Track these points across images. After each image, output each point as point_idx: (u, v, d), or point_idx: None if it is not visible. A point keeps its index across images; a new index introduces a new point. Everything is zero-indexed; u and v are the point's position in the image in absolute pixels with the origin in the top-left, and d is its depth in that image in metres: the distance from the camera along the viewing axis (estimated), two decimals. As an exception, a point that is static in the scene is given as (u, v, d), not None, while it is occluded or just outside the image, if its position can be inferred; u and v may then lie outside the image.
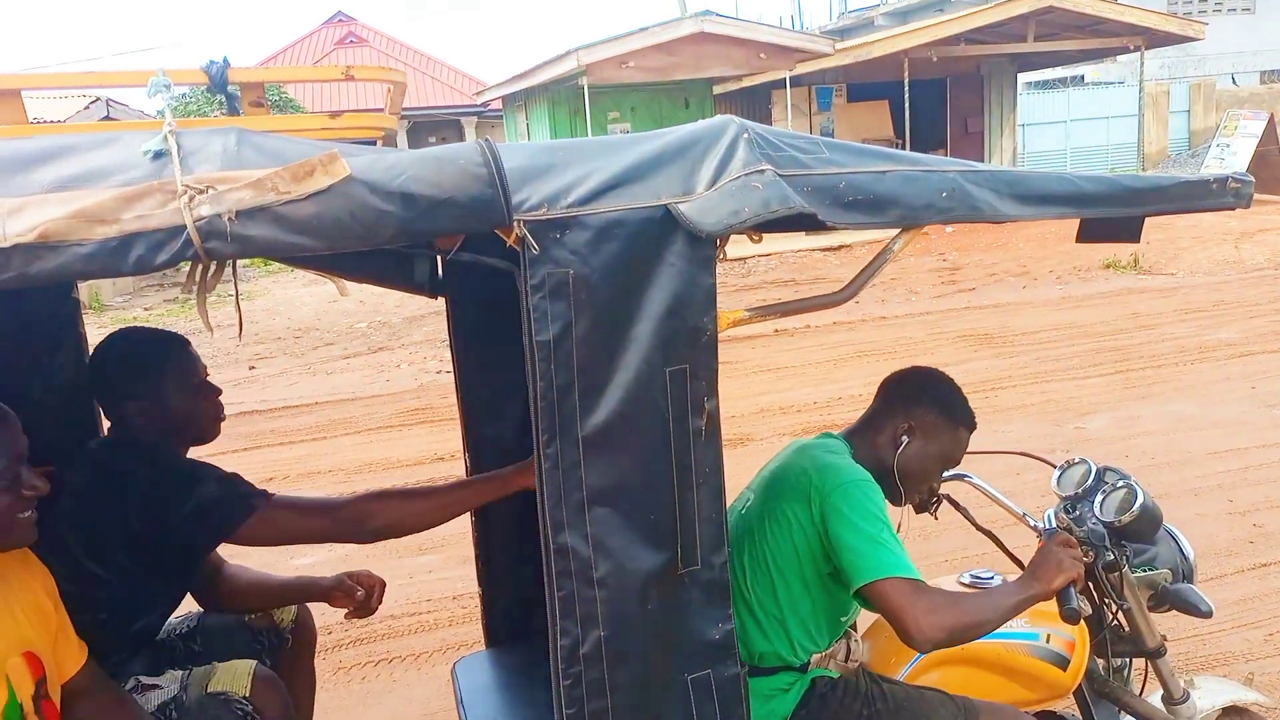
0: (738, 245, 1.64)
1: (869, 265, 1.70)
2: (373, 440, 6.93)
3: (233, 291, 1.85)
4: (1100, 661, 2.23)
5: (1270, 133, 16.34)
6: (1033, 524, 2.16)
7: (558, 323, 1.39)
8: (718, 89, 17.14)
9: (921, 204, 1.55)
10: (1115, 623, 2.13)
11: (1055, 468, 2.28)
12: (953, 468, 2.08)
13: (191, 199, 1.19)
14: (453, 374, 2.35)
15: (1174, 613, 2.16)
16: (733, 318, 1.56)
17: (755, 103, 17.53)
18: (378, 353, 10.08)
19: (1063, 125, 21.52)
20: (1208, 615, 2.09)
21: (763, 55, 15.31)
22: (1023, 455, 2.38)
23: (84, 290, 10.59)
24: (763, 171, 1.45)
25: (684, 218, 1.41)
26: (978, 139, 19.44)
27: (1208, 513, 4.74)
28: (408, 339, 10.60)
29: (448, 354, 2.37)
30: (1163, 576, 2.14)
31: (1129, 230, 1.84)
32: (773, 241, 13.29)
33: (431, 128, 26.93)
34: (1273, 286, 10.52)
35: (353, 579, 2.36)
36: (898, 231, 1.65)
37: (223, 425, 2.18)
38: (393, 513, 2.02)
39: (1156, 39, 17.01)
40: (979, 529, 2.32)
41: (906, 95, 15.64)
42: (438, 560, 4.75)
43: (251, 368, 9.65)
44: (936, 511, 2.33)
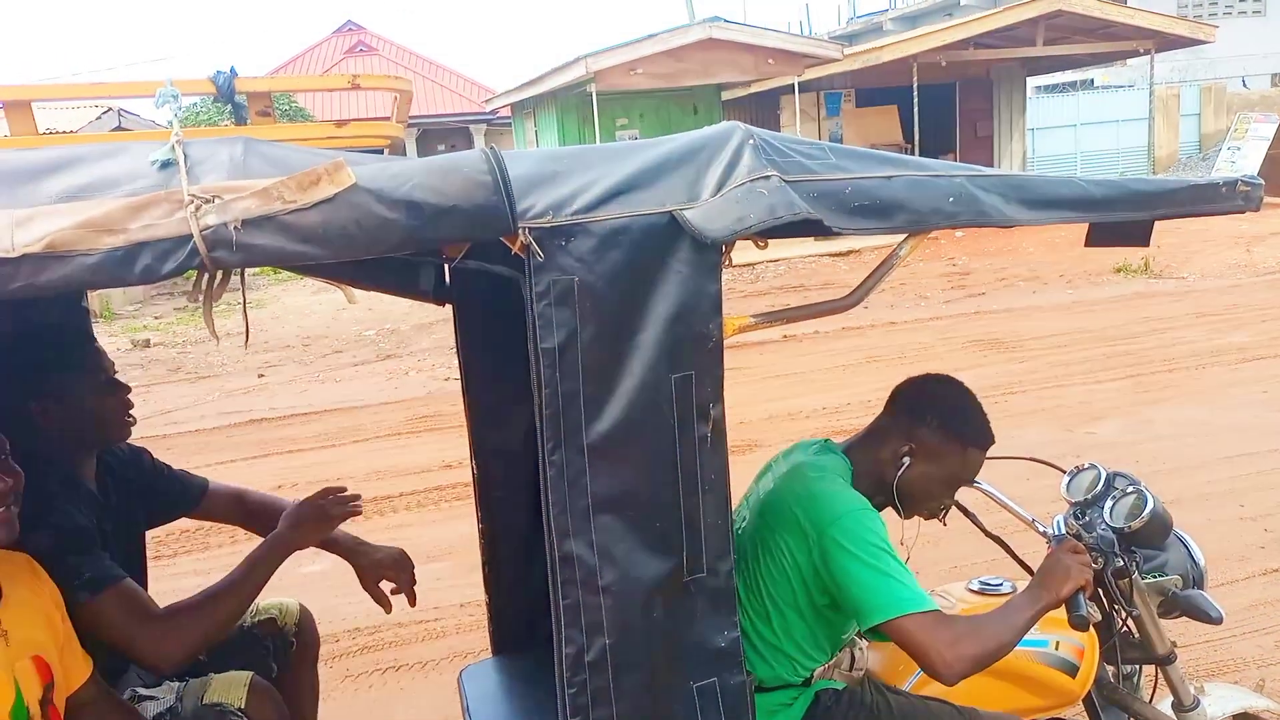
0: (745, 251, 1.64)
1: (877, 270, 1.69)
2: (381, 447, 6.94)
3: (240, 300, 1.86)
4: (1110, 668, 2.21)
5: (1281, 136, 16.26)
6: (1042, 530, 2.15)
7: (563, 330, 1.39)
8: (726, 95, 17.14)
9: (928, 209, 1.55)
10: (1125, 629, 2.11)
11: (1065, 473, 2.27)
12: (964, 486, 2.03)
13: (198, 208, 1.19)
14: (460, 381, 2.36)
15: (1184, 619, 2.14)
16: (739, 324, 1.55)
17: (764, 108, 17.54)
18: (386, 360, 10.11)
19: (1072, 129, 21.44)
20: (1218, 622, 2.07)
21: (771, 61, 15.30)
22: (1032, 461, 2.37)
23: (94, 299, 10.65)
24: (768, 177, 1.45)
25: (689, 224, 1.41)
26: (987, 143, 19.40)
27: (1218, 518, 4.71)
28: (416, 346, 10.63)
29: (456, 361, 2.37)
30: (1173, 583, 2.12)
31: (1138, 234, 1.83)
32: (780, 247, 13.29)
33: (440, 135, 27.02)
34: (1284, 290, 10.46)
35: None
36: (905, 237, 1.65)
37: (134, 426, 2.14)
38: (205, 626, 1.94)
39: (1166, 42, 16.96)
40: (988, 535, 2.31)
41: (915, 100, 15.64)
42: (445, 568, 4.75)
43: (261, 376, 9.69)
44: (945, 518, 2.32)
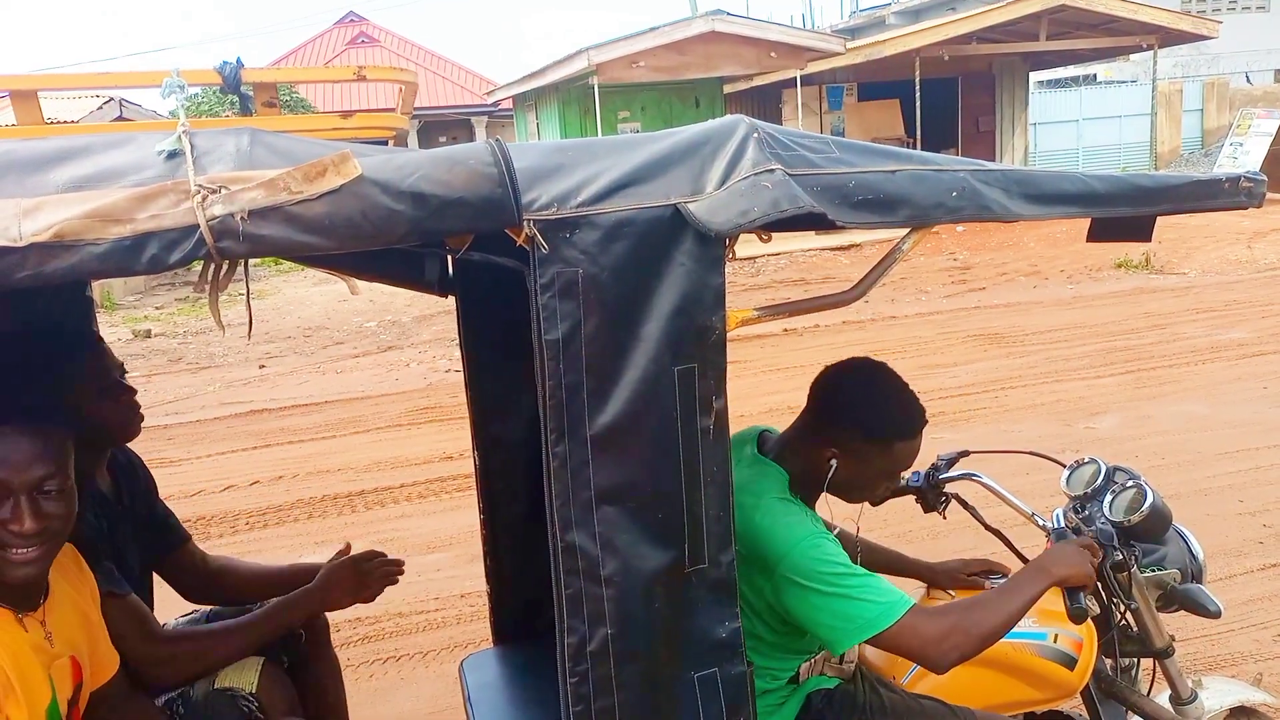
0: (747, 244, 1.64)
1: (879, 264, 1.70)
2: (382, 439, 6.95)
3: (244, 290, 1.86)
4: (1108, 661, 2.22)
5: (1284, 132, 16.23)
6: (1041, 523, 2.16)
7: (567, 322, 1.40)
8: (728, 88, 17.11)
9: (931, 203, 1.55)
10: (1123, 622, 2.12)
11: (1065, 467, 2.28)
12: (904, 473, 1.98)
13: (204, 199, 1.20)
14: (462, 373, 2.36)
15: (1182, 613, 2.15)
16: (741, 317, 1.56)
17: (766, 102, 17.52)
18: (387, 351, 10.11)
19: (1075, 124, 21.41)
20: (1216, 616, 2.08)
21: (774, 54, 15.27)
22: (1032, 455, 2.38)
23: (96, 289, 10.65)
24: (772, 171, 1.45)
25: (693, 217, 1.42)
26: (989, 138, 19.37)
27: (1217, 513, 4.72)
28: (417, 338, 10.63)
29: (457, 353, 2.38)
30: (1171, 576, 2.13)
31: (1140, 229, 1.83)
32: (782, 241, 13.29)
33: (442, 127, 26.98)
34: (1285, 286, 10.46)
35: (341, 554, 2.33)
36: (907, 231, 1.65)
37: (141, 425, 2.11)
38: (208, 659, 1.99)
39: (1170, 37, 16.92)
40: (988, 528, 2.32)
41: (918, 94, 15.61)
42: (446, 559, 4.77)
43: (261, 366, 9.69)
44: (945, 511, 2.33)
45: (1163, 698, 2.25)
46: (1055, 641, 2.08)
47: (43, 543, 1.55)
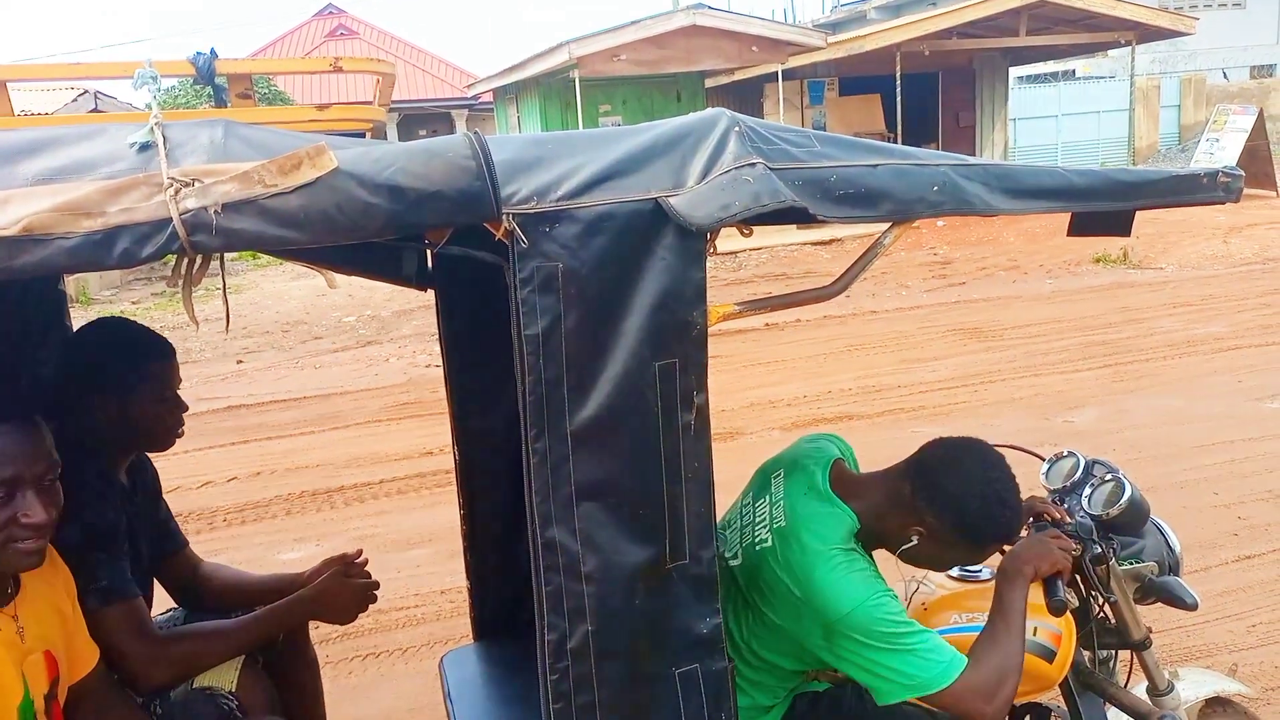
0: (728, 239, 1.63)
1: (860, 259, 1.70)
2: (361, 434, 6.92)
3: (220, 285, 1.84)
4: (1086, 653, 2.23)
5: (1259, 127, 16.40)
6: (1021, 518, 2.16)
7: (547, 316, 1.39)
8: (710, 82, 17.11)
9: (913, 197, 1.55)
10: (1101, 615, 2.13)
11: (1044, 460, 2.29)
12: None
13: (177, 191, 1.18)
14: (442, 368, 2.35)
15: (1160, 605, 2.17)
16: (723, 311, 1.55)
17: (747, 96, 17.51)
18: (366, 346, 10.06)
19: (1054, 119, 21.55)
20: (1193, 608, 2.09)
21: (755, 48, 15.29)
22: (1011, 448, 2.38)
23: (71, 284, 10.53)
24: (754, 165, 1.44)
25: (674, 211, 1.41)
26: (969, 133, 19.46)
27: (1194, 505, 4.77)
28: (397, 333, 10.58)
29: (437, 348, 2.36)
30: (1149, 569, 2.14)
31: (1119, 224, 1.84)
32: (764, 236, 13.30)
33: (422, 120, 26.84)
34: (1260, 281, 10.58)
35: (332, 561, 2.32)
36: (888, 225, 1.65)
37: (183, 433, 2.13)
38: (199, 661, 1.98)
39: (1148, 34, 17.05)
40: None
41: (898, 89, 15.65)
42: (426, 555, 4.75)
43: (239, 362, 9.61)
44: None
45: (1140, 689, 2.27)
46: (1034, 634, 2.09)
47: (48, 532, 1.59)
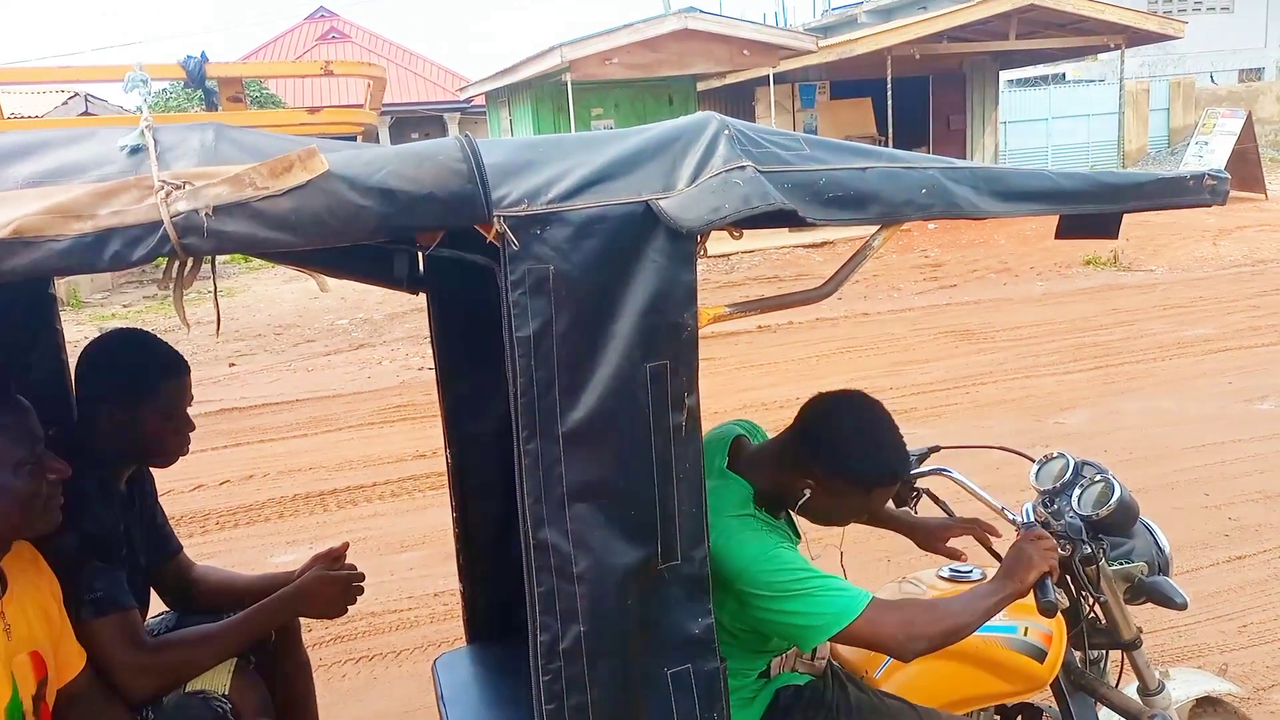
0: (720, 242, 1.64)
1: (850, 261, 1.70)
2: (354, 437, 6.90)
3: (211, 288, 1.84)
4: (1077, 653, 2.25)
5: (1248, 130, 16.50)
6: (1011, 518, 2.17)
7: (538, 319, 1.39)
8: (701, 85, 17.13)
9: (901, 200, 1.56)
10: (1092, 615, 2.14)
11: (1034, 462, 2.30)
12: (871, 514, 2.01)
13: (168, 194, 1.18)
14: (434, 370, 2.35)
15: (1150, 605, 2.18)
16: (714, 313, 1.56)
17: (739, 99, 17.55)
18: (359, 349, 10.04)
19: (1044, 123, 21.64)
20: (1183, 608, 2.11)
21: (746, 52, 15.30)
22: (1002, 450, 2.40)
23: (62, 287, 10.49)
24: (743, 168, 1.45)
25: (664, 214, 1.41)
26: (960, 136, 19.52)
27: (1184, 506, 4.79)
28: (389, 335, 10.56)
29: (429, 351, 2.36)
30: (1139, 569, 2.16)
31: (1108, 227, 1.85)
32: (755, 238, 13.31)
33: (414, 124, 26.82)
34: (1250, 283, 10.63)
35: (319, 557, 2.31)
36: (878, 228, 1.66)
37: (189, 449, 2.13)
38: (189, 668, 1.99)
39: (1137, 37, 17.14)
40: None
41: (889, 92, 15.70)
42: (418, 557, 4.74)
43: (232, 365, 9.59)
44: (915, 506, 2.35)
45: (1131, 689, 2.28)
46: (1025, 635, 2.10)
47: (56, 494, 1.69)
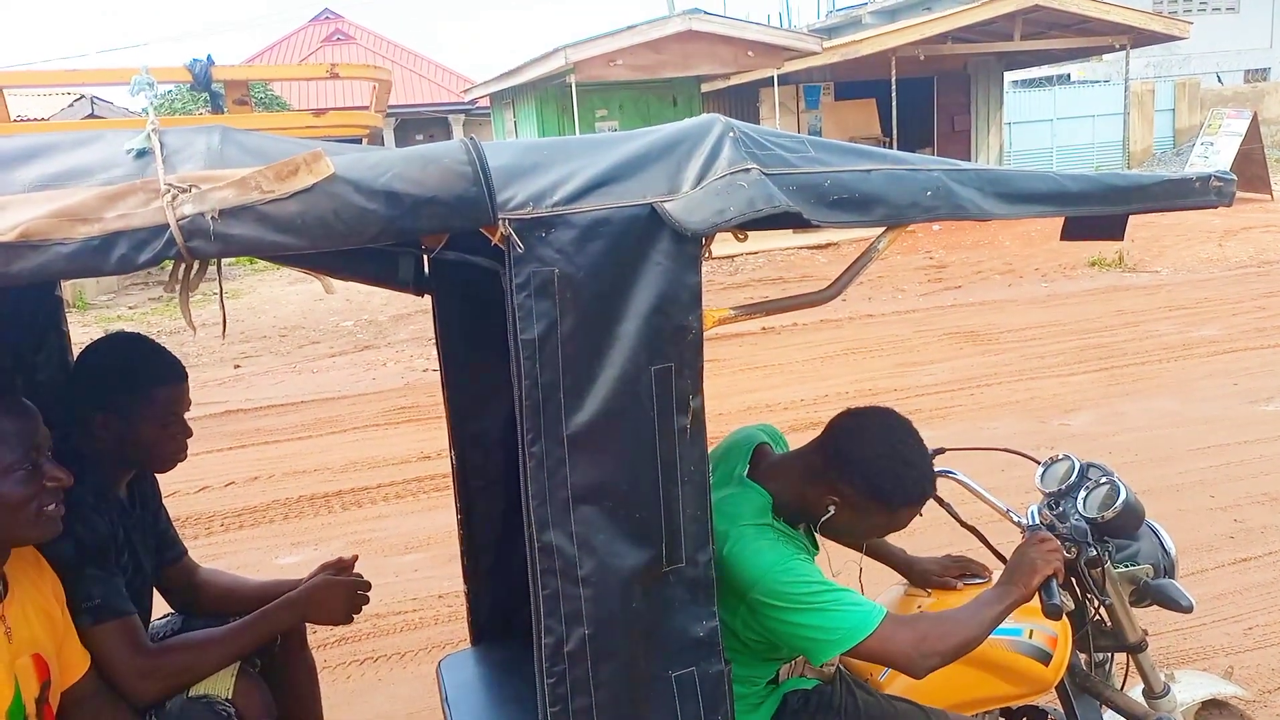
0: (724, 243, 1.64)
1: (855, 263, 1.70)
2: (359, 439, 6.91)
3: (217, 290, 1.84)
4: (1082, 656, 2.24)
5: (1254, 131, 16.45)
6: (1016, 520, 2.17)
7: (543, 321, 1.39)
8: (706, 87, 17.14)
9: (906, 202, 1.56)
10: (1097, 618, 2.14)
11: (1039, 464, 2.29)
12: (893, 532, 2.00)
13: (174, 198, 1.18)
14: (439, 372, 2.35)
15: (1155, 608, 2.17)
16: (718, 316, 1.56)
17: (743, 101, 17.56)
18: (364, 351, 10.05)
19: (1049, 123, 21.62)
20: (1188, 610, 2.10)
21: (750, 53, 15.30)
22: (1007, 452, 2.39)
23: (68, 289, 10.51)
24: (748, 170, 1.45)
25: (669, 216, 1.41)
26: (964, 137, 19.51)
27: (1189, 508, 4.77)
28: (394, 337, 10.57)
29: (434, 352, 2.37)
30: (1144, 572, 2.15)
31: (1113, 228, 1.85)
32: (760, 240, 13.31)
33: (419, 125, 26.86)
34: (1255, 284, 10.60)
35: (327, 565, 2.31)
36: (883, 230, 1.66)
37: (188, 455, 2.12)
38: (193, 672, 1.98)
39: (1142, 38, 17.11)
40: (963, 525, 2.33)
41: (894, 93, 15.70)
42: (423, 559, 4.75)
43: (237, 366, 9.61)
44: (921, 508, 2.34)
45: (1136, 692, 2.27)
46: (1030, 637, 2.10)
47: (57, 502, 1.67)
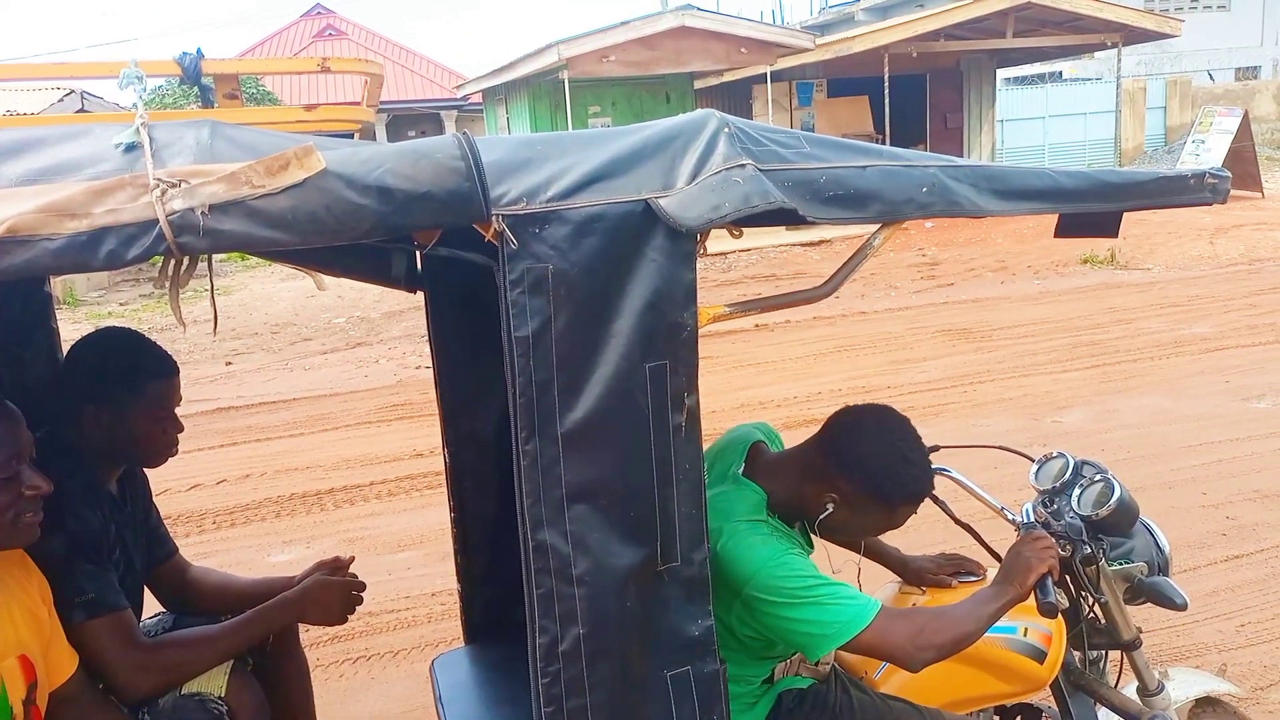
0: (718, 240, 1.63)
1: (850, 260, 1.70)
2: (351, 436, 6.89)
3: (208, 286, 1.83)
4: (1077, 654, 2.24)
5: (1245, 129, 16.50)
6: (1011, 517, 2.17)
7: (537, 318, 1.38)
8: (699, 83, 17.13)
9: (902, 199, 1.55)
10: (1092, 616, 2.14)
11: (1033, 461, 2.29)
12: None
13: (164, 193, 1.17)
14: (432, 369, 2.34)
15: (1149, 605, 2.17)
16: (713, 313, 1.55)
17: (736, 97, 17.53)
18: (356, 348, 10.02)
19: (1041, 121, 21.63)
20: (1182, 608, 2.10)
21: (743, 50, 15.32)
22: (1001, 449, 2.39)
23: (58, 285, 10.45)
24: (743, 166, 1.44)
25: (664, 213, 1.40)
26: (957, 134, 19.52)
27: (1182, 505, 4.79)
28: (386, 334, 10.55)
29: (427, 349, 2.35)
30: (1139, 569, 2.15)
31: (1107, 225, 1.84)
32: (753, 237, 13.30)
33: (411, 121, 26.78)
34: (1246, 281, 10.64)
35: (322, 564, 2.30)
36: (878, 227, 1.65)
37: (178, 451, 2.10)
38: (186, 669, 1.97)
39: (1134, 35, 17.14)
40: (958, 523, 2.33)
41: (886, 91, 15.69)
42: (416, 557, 4.73)
43: (228, 364, 9.57)
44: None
45: (1130, 689, 2.27)
46: (1025, 635, 2.10)
47: (35, 510, 1.65)
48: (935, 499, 2.30)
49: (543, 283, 1.37)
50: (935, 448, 2.37)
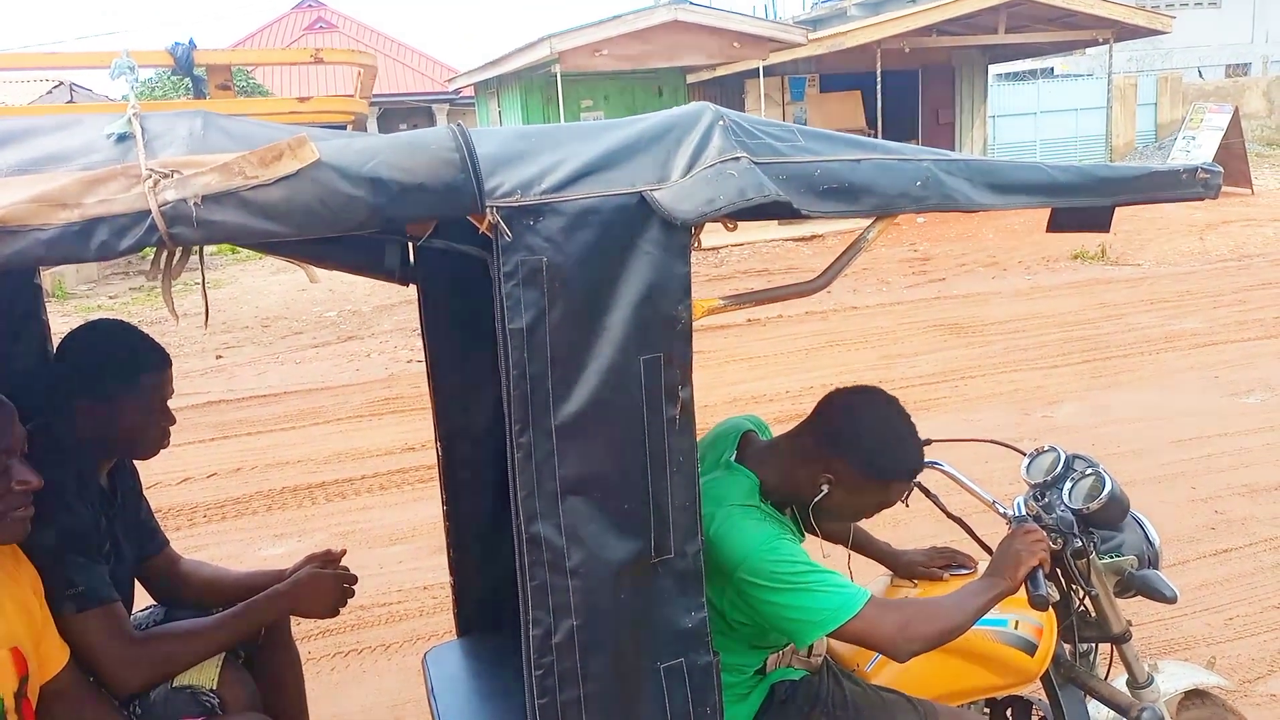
0: (711, 234, 1.63)
1: (843, 255, 1.70)
2: (343, 430, 6.87)
3: (199, 279, 1.82)
4: (1067, 647, 2.25)
5: (1235, 125, 16.58)
6: (1002, 511, 2.18)
7: (531, 311, 1.38)
8: (691, 78, 17.11)
9: (896, 192, 1.55)
10: (1082, 608, 2.15)
11: (1025, 455, 2.30)
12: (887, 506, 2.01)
13: (156, 183, 1.16)
14: (424, 363, 2.33)
15: (1139, 598, 2.19)
16: (707, 306, 1.55)
17: (729, 92, 17.52)
18: (347, 341, 9.99)
19: (1032, 117, 21.67)
20: (1173, 601, 2.11)
21: (736, 44, 15.28)
22: (992, 443, 2.40)
23: (47, 278, 10.38)
24: (738, 159, 1.44)
25: (659, 205, 1.40)
26: (949, 130, 19.56)
27: (1171, 499, 4.81)
28: (378, 328, 10.52)
29: (419, 343, 2.35)
30: (1129, 563, 2.16)
31: (1099, 220, 1.85)
32: (745, 231, 13.31)
33: (402, 115, 26.69)
34: (1236, 277, 10.69)
35: (314, 557, 2.30)
36: (872, 220, 1.65)
37: (171, 439, 2.08)
38: (177, 661, 1.96)
39: (1125, 32, 17.19)
40: (949, 516, 2.34)
41: (879, 86, 15.71)
42: (408, 550, 4.73)
43: (219, 357, 9.53)
44: (908, 499, 2.35)
45: (1120, 682, 2.29)
46: (1016, 628, 2.11)
47: (26, 505, 1.63)
48: (927, 492, 2.31)
49: (537, 275, 1.37)
50: (927, 441, 2.37)
